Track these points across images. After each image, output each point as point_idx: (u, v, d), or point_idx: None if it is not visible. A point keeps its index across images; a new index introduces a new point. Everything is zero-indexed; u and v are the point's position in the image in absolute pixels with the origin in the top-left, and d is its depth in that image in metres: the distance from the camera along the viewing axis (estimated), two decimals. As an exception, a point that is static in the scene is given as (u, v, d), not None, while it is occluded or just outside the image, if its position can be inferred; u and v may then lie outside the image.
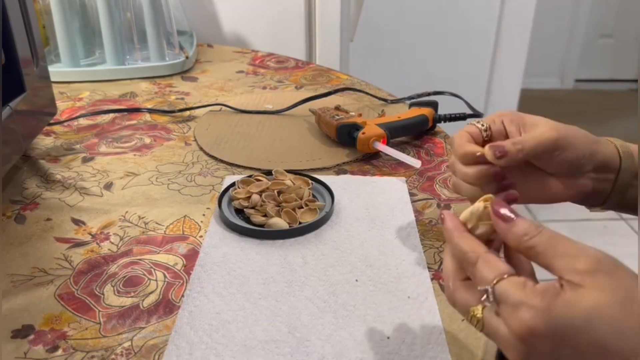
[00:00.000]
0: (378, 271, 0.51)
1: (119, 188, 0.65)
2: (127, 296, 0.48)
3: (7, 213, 0.60)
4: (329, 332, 0.44)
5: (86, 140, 0.76)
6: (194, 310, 0.47)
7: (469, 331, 0.45)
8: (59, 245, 0.55)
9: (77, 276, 0.51)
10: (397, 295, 0.48)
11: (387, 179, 0.66)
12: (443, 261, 0.38)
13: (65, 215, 0.60)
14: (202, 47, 1.16)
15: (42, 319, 0.46)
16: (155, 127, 0.80)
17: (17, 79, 0.62)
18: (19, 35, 0.62)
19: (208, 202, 0.62)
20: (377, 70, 2.01)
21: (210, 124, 0.80)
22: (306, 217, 0.58)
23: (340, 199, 0.62)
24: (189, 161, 0.71)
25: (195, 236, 0.56)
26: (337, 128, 0.72)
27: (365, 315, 0.46)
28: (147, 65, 1.00)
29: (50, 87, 0.73)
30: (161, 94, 0.92)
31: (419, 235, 0.56)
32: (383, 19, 1.96)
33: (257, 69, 1.04)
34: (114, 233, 0.57)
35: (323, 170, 0.68)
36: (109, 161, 0.71)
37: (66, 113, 0.85)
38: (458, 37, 2.03)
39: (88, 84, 0.97)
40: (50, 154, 0.73)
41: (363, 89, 0.92)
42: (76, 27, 0.97)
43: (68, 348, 0.43)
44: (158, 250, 0.54)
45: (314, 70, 1.04)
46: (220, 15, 1.22)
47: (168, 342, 0.44)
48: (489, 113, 2.38)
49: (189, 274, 0.51)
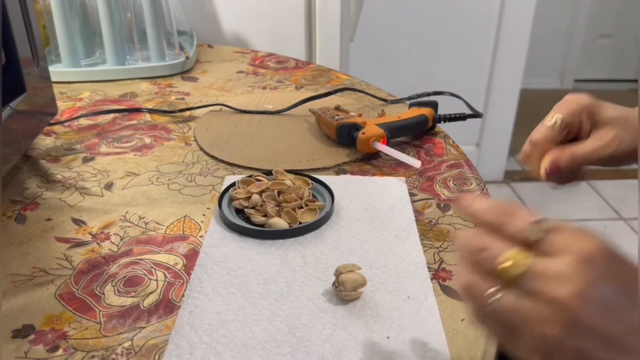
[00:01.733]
0: (378, 271, 0.51)
1: (119, 188, 0.65)
2: (127, 296, 0.49)
3: (8, 213, 0.60)
4: (329, 332, 0.44)
5: (86, 140, 0.77)
6: (194, 310, 0.47)
7: (469, 331, 0.45)
8: (60, 245, 0.55)
9: (77, 276, 0.51)
10: (397, 295, 0.48)
11: (387, 179, 0.66)
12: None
13: (66, 215, 0.60)
14: (202, 47, 1.16)
15: (43, 318, 0.46)
16: (156, 127, 0.81)
17: (18, 79, 0.62)
18: (19, 35, 0.62)
19: (208, 202, 0.62)
20: (377, 70, 2.02)
21: (211, 124, 0.80)
22: (306, 217, 0.58)
23: (340, 199, 0.62)
24: (189, 161, 0.71)
25: (195, 236, 0.56)
26: (337, 128, 0.72)
27: (365, 315, 0.46)
28: (148, 65, 1.00)
29: (51, 87, 0.73)
30: (161, 94, 0.93)
31: (419, 235, 0.56)
32: (383, 19, 1.96)
33: (257, 69, 1.04)
34: (115, 233, 0.57)
35: (323, 170, 0.68)
36: (110, 161, 0.71)
37: (66, 113, 0.85)
38: (458, 37, 2.03)
39: (88, 84, 0.97)
40: (51, 154, 0.73)
41: (363, 89, 0.92)
42: (76, 27, 0.97)
43: (68, 348, 0.43)
44: (158, 250, 0.54)
45: (314, 70, 1.04)
46: (220, 15, 1.22)
47: (168, 341, 0.44)
48: (489, 113, 2.38)
49: (189, 273, 0.51)
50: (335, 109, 0.77)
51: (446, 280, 0.50)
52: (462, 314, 0.46)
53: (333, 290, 0.48)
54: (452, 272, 0.51)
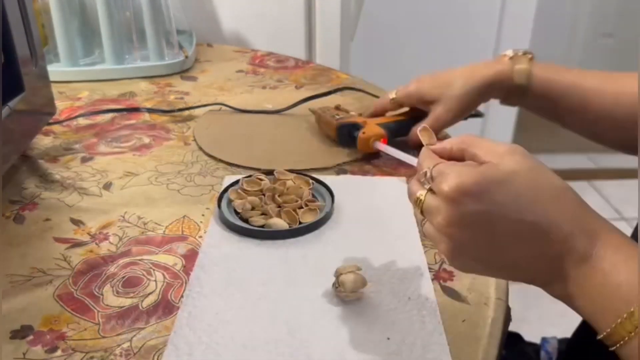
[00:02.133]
0: (378, 272, 0.51)
1: (118, 188, 0.65)
2: (126, 297, 0.48)
3: (6, 213, 0.60)
4: (329, 333, 0.44)
5: (85, 140, 0.76)
6: (193, 311, 0.46)
7: (469, 332, 0.45)
8: (58, 246, 0.55)
9: (76, 276, 0.51)
10: (397, 295, 0.48)
11: (387, 179, 0.66)
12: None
13: (64, 215, 0.60)
14: (202, 47, 1.16)
15: (41, 319, 0.46)
16: (155, 127, 0.80)
17: (16, 78, 0.62)
18: (17, 35, 0.62)
19: (207, 202, 0.62)
20: (377, 69, 2.01)
21: (210, 123, 0.80)
22: (306, 217, 0.58)
23: (341, 199, 0.61)
24: (189, 161, 0.71)
25: (194, 236, 0.56)
26: (337, 128, 0.72)
27: (366, 316, 0.46)
28: (147, 64, 1.00)
29: (49, 87, 0.73)
30: (160, 94, 0.92)
31: (419, 235, 0.56)
32: (383, 18, 1.96)
33: (256, 69, 1.04)
34: (113, 233, 0.57)
35: (323, 170, 0.68)
36: (108, 161, 0.71)
37: (65, 113, 0.85)
38: (458, 36, 2.02)
39: (87, 83, 0.96)
40: (49, 153, 0.73)
41: (363, 88, 0.92)
42: (75, 27, 0.97)
43: (67, 349, 0.43)
44: (157, 251, 0.54)
45: (314, 69, 1.04)
46: (220, 14, 1.22)
47: (167, 342, 0.43)
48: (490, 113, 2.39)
49: (189, 274, 0.51)
50: (336, 108, 0.77)
51: (447, 281, 0.50)
52: (463, 315, 0.46)
53: (333, 291, 0.48)
54: (453, 272, 0.51)
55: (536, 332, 0.77)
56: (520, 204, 0.36)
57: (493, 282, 0.50)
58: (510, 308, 0.49)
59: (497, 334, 0.45)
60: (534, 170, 0.37)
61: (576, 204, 0.37)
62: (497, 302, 0.48)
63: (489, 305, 0.47)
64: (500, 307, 0.47)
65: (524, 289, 0.53)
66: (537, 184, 0.37)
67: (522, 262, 0.38)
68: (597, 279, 0.35)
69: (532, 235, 0.36)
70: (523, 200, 0.36)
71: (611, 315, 0.35)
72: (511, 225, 0.36)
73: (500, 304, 0.48)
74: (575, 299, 0.37)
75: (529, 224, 0.36)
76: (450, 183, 0.37)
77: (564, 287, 0.37)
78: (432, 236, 0.40)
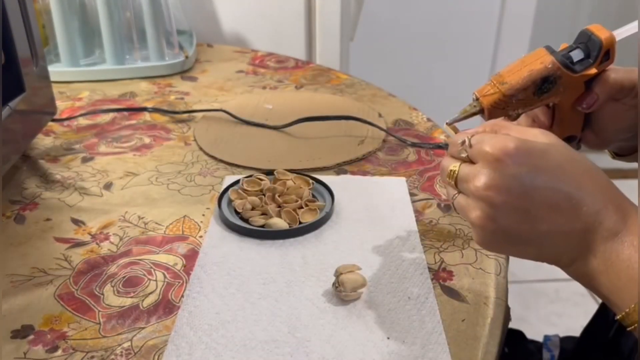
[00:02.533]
0: (378, 272, 0.51)
1: (118, 188, 0.65)
2: (126, 296, 0.48)
3: (7, 213, 0.60)
4: (329, 333, 0.44)
5: (86, 140, 0.76)
6: (193, 311, 0.46)
7: (469, 331, 0.45)
8: (59, 246, 0.55)
9: (76, 276, 0.51)
10: (397, 295, 0.48)
11: (387, 179, 0.66)
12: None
13: (65, 215, 0.60)
14: (202, 47, 1.16)
15: (42, 319, 0.46)
16: (155, 127, 0.80)
17: (17, 78, 0.62)
18: (18, 35, 0.62)
19: (208, 202, 0.62)
20: (377, 70, 2.01)
21: (210, 123, 0.80)
22: (306, 217, 0.58)
23: (340, 199, 0.62)
24: (189, 161, 0.71)
25: (195, 236, 0.56)
26: None
27: (365, 316, 0.46)
28: (147, 65, 1.00)
29: (50, 87, 0.73)
30: (161, 94, 0.92)
31: (419, 235, 0.56)
32: (383, 19, 1.96)
33: (256, 69, 1.04)
34: (114, 233, 0.57)
35: (323, 170, 0.68)
36: (109, 161, 0.71)
37: (66, 113, 0.85)
38: (458, 36, 2.03)
39: (87, 83, 0.97)
40: (50, 153, 0.73)
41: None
42: (76, 27, 0.97)
43: (68, 348, 0.43)
44: (158, 251, 0.54)
45: (314, 69, 1.04)
46: (220, 14, 1.22)
47: (168, 342, 0.44)
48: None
49: (189, 274, 0.51)
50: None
51: (447, 281, 0.50)
52: (463, 314, 0.46)
53: (333, 290, 0.48)
54: (452, 272, 0.51)
55: (535, 332, 0.77)
56: (557, 174, 0.37)
57: (492, 282, 0.50)
58: (509, 308, 0.49)
59: (496, 334, 0.45)
60: (568, 147, 0.40)
61: (608, 182, 0.39)
62: (496, 302, 0.48)
63: (489, 304, 0.47)
64: (500, 307, 0.47)
65: (524, 289, 0.53)
66: (573, 159, 0.38)
67: (553, 235, 0.38)
68: (624, 254, 0.36)
69: (566, 206, 0.37)
70: (560, 171, 0.37)
71: (633, 293, 0.35)
72: (548, 193, 0.37)
73: (500, 303, 0.48)
74: (598, 276, 0.37)
75: (565, 194, 0.37)
76: (494, 144, 0.38)
77: (588, 264, 0.38)
78: (464, 207, 0.40)
